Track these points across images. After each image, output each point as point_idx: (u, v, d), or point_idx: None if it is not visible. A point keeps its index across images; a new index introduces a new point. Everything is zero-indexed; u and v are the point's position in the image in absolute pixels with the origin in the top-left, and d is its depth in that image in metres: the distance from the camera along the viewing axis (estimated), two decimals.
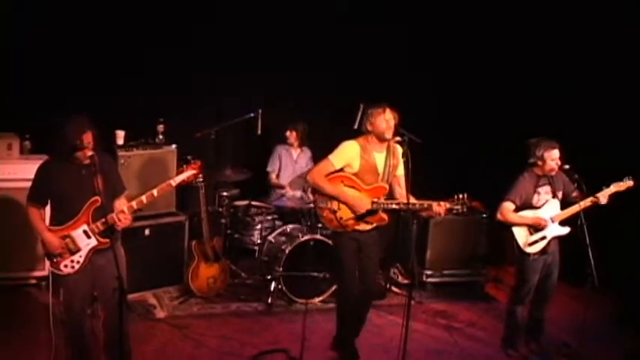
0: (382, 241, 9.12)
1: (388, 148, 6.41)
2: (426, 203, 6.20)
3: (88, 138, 5.48)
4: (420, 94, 9.45)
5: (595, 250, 6.50)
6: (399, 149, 6.34)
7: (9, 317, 7.16)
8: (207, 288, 8.00)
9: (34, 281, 7.85)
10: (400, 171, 6.44)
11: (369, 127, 6.30)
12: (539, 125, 7.38)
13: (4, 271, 7.72)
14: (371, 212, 6.32)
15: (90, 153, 5.48)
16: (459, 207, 6.18)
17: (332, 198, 6.32)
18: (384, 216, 6.40)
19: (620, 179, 6.87)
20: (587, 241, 6.50)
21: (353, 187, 6.33)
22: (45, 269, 7.72)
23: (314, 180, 6.36)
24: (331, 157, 6.33)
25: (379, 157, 6.37)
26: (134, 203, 5.67)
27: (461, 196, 6.17)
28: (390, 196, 6.49)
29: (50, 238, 5.60)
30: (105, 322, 5.82)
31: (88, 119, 5.55)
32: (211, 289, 8.02)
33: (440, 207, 6.15)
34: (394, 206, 6.33)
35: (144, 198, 5.68)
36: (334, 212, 6.34)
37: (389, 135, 6.26)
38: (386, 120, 6.24)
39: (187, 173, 5.83)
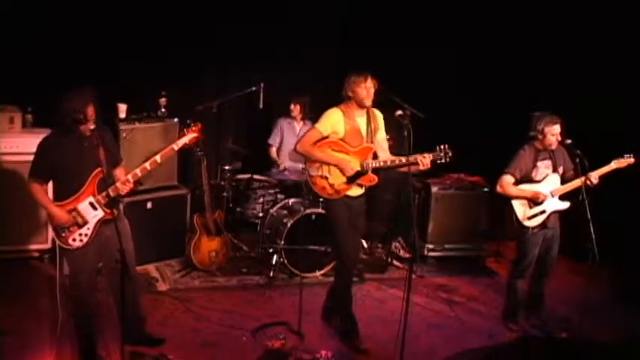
0: (384, 214, 9.25)
1: (368, 113, 6.59)
2: (411, 158, 6.30)
3: (91, 111, 5.50)
4: (420, 67, 9.44)
5: (596, 225, 6.50)
6: (379, 115, 6.63)
7: (14, 290, 7.19)
8: (209, 261, 8.02)
9: (37, 254, 7.87)
10: (381, 135, 6.64)
11: (350, 94, 6.47)
12: (545, 100, 7.38)
13: (7, 244, 7.74)
14: (361, 173, 6.49)
15: (92, 126, 5.49)
16: (442, 156, 6.32)
17: (322, 163, 6.49)
18: (374, 176, 6.55)
19: (622, 156, 6.87)
20: (589, 216, 6.51)
21: (341, 151, 6.51)
22: (48, 242, 7.77)
23: (303, 148, 6.52)
24: (317, 125, 6.53)
25: (361, 121, 6.55)
26: (138, 171, 5.69)
27: (442, 146, 6.32)
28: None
29: (58, 212, 5.60)
30: (114, 293, 5.85)
31: (91, 93, 5.56)
32: (213, 262, 8.04)
33: (425, 158, 6.25)
34: (382, 164, 6.51)
35: (147, 165, 5.71)
36: (326, 178, 6.50)
37: (368, 103, 6.48)
38: (366, 88, 6.43)
39: (189, 136, 5.86)
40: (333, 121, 6.47)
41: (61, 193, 5.68)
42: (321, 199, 7.83)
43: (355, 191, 6.58)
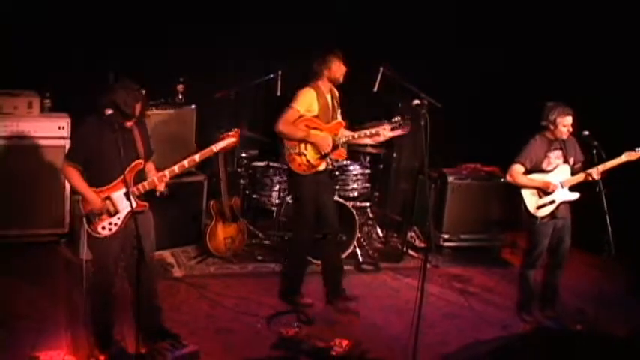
0: (399, 203, 9.24)
1: (331, 91, 6.95)
2: (373, 130, 6.86)
3: (138, 108, 5.58)
4: (437, 58, 9.42)
5: (613, 217, 6.48)
6: (337, 93, 6.99)
7: (31, 273, 7.22)
8: (225, 248, 8.05)
9: (54, 238, 7.92)
10: (339, 111, 7.05)
11: (326, 72, 6.83)
12: (560, 91, 7.35)
13: (25, 228, 7.78)
14: (334, 148, 6.85)
15: (131, 123, 5.58)
16: (397, 125, 6.75)
17: (301, 142, 6.73)
18: (344, 150, 6.99)
19: (633, 149, 6.84)
20: (605, 209, 6.49)
21: (316, 128, 6.78)
22: (65, 226, 7.82)
23: (284, 129, 6.77)
24: (294, 104, 6.77)
25: (329, 98, 6.91)
26: (176, 167, 5.75)
27: (397, 118, 6.78)
28: None
29: (94, 198, 5.60)
30: (130, 278, 5.85)
31: (141, 90, 5.65)
32: (229, 249, 8.07)
33: (385, 130, 6.82)
34: (350, 138, 6.93)
35: (186, 162, 5.78)
36: (303, 155, 6.76)
37: (342, 79, 6.88)
38: (342, 65, 6.83)
39: (227, 141, 5.93)
40: (309, 100, 6.76)
41: (91, 179, 5.67)
42: (337, 187, 8.08)
43: (324, 165, 6.90)
